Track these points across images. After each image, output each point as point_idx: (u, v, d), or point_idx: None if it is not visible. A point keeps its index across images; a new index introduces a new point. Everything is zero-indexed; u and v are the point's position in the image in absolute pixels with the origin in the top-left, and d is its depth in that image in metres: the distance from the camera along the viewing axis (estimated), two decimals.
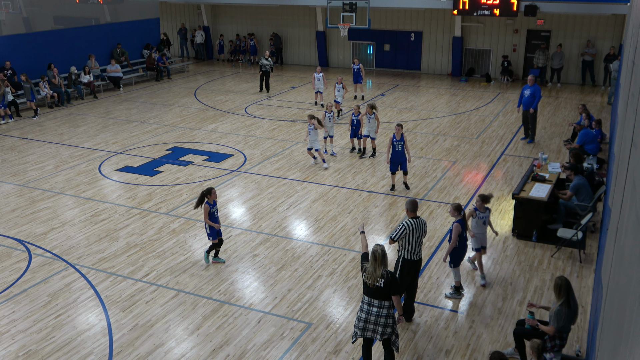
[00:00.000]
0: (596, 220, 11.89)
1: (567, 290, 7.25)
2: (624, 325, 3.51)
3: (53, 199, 13.52)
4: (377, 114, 15.82)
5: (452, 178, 14.58)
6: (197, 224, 11.99)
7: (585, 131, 14.90)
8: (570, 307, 7.24)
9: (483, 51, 27.09)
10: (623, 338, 3.44)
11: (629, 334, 3.18)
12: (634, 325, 3.00)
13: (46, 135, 18.71)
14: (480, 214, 9.76)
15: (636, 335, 2.86)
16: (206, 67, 30.85)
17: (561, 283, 7.27)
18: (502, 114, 20.62)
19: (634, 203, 3.90)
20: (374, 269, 6.99)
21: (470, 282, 9.90)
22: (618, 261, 4.67)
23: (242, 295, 9.53)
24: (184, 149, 17.03)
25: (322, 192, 13.70)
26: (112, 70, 25.15)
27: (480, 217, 9.76)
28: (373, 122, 15.57)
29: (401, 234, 8.40)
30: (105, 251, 11.02)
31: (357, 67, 22.36)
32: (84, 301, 9.39)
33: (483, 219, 9.78)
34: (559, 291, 7.27)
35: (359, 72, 22.39)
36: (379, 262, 6.98)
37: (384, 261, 7.02)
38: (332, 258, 10.68)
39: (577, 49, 25.13)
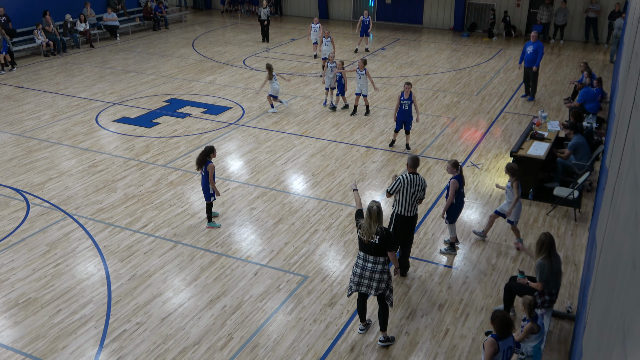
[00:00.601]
0: (593, 179, 11.94)
1: (549, 247, 7.34)
2: (616, 284, 3.56)
3: (50, 149, 13.48)
4: (368, 70, 15.39)
5: (451, 135, 14.55)
6: (195, 176, 12.00)
7: (586, 89, 14.79)
8: (552, 262, 7.35)
9: (486, 6, 26.61)
10: (615, 297, 3.49)
11: (620, 293, 3.23)
12: (626, 284, 3.04)
13: (42, 84, 18.51)
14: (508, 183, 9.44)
15: (628, 295, 2.90)
16: (204, 17, 30.30)
17: (544, 239, 7.35)
18: (503, 70, 20.42)
19: (633, 164, 3.90)
20: (369, 226, 7.03)
21: (465, 238, 10.00)
22: (613, 221, 4.70)
23: (239, 248, 9.62)
24: (181, 101, 16.89)
25: (320, 147, 13.67)
26: (109, 19, 24.70)
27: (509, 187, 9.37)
28: (364, 78, 15.12)
29: (396, 188, 8.42)
30: (103, 202, 11.06)
31: (367, 20, 22.09)
32: (82, 251, 9.48)
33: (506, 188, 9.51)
34: (540, 247, 7.37)
35: (369, 25, 22.14)
36: (374, 219, 7.02)
37: (379, 218, 7.05)
38: (328, 212, 10.74)
39: (582, 5, 24.70)
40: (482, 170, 12.60)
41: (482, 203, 11.20)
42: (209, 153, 9.82)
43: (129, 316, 7.97)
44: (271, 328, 7.79)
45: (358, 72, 15.14)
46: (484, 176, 12.32)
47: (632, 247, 3.06)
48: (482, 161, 13.03)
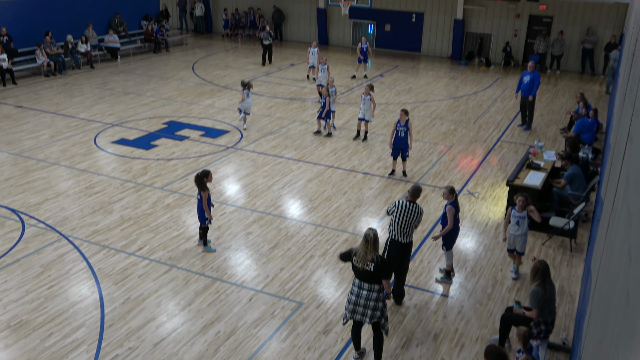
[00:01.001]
0: (588, 210, 11.97)
1: (544, 274, 7.35)
2: (610, 318, 3.56)
3: (48, 169, 13.49)
4: (373, 96, 15.62)
5: (448, 162, 14.61)
6: (192, 200, 12.00)
7: (582, 120, 14.91)
8: (546, 290, 7.34)
9: (484, 35, 26.94)
10: (609, 330, 3.49)
11: (614, 327, 3.23)
12: (620, 319, 3.05)
13: (42, 104, 18.59)
14: (516, 214, 9.23)
15: (621, 330, 2.91)
16: (205, 40, 30.58)
17: (539, 267, 7.37)
18: (500, 99, 20.60)
19: (627, 198, 3.93)
20: (364, 253, 7.04)
21: (461, 266, 9.98)
22: (608, 253, 4.72)
23: (235, 273, 9.58)
24: (180, 124, 16.97)
25: (317, 172, 13.71)
26: (110, 41, 24.92)
27: (515, 217, 9.23)
28: (368, 103, 15.27)
29: (391, 209, 8.56)
30: (99, 224, 11.04)
31: (365, 47, 22.35)
32: (76, 273, 9.43)
33: (517, 218, 9.24)
34: (535, 273, 7.38)
35: (367, 51, 22.39)
36: (370, 246, 7.03)
37: (375, 245, 7.06)
38: (325, 238, 10.73)
39: (578, 36, 25.03)
40: (478, 198, 12.63)
41: (478, 232, 11.21)
42: (203, 177, 9.85)
43: (121, 340, 7.91)
44: (265, 355, 7.73)
45: (363, 97, 15.22)
46: (480, 205, 12.34)
47: (626, 282, 3.07)
48: (478, 189, 13.07)
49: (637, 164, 3.78)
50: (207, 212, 9.91)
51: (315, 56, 21.35)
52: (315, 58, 21.38)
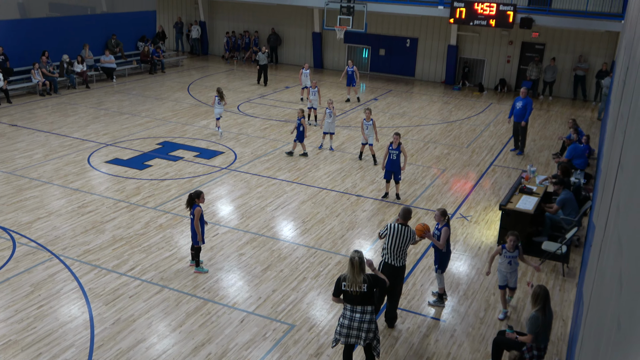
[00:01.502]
0: (581, 234, 12.02)
1: (545, 299, 7.36)
2: (601, 343, 3.57)
3: (40, 188, 13.45)
4: (375, 121, 15.74)
5: (441, 186, 14.67)
6: (184, 220, 11.98)
7: (574, 146, 15.05)
8: (546, 315, 7.35)
9: (477, 61, 27.24)
10: (600, 355, 3.50)
11: (606, 352, 3.24)
12: (611, 345, 3.06)
13: (36, 123, 18.59)
14: (508, 253, 9.04)
15: (613, 356, 2.92)
16: (201, 62, 30.77)
17: (540, 292, 7.39)
18: (493, 124, 20.77)
19: (617, 225, 3.97)
20: (353, 276, 7.03)
21: (453, 290, 9.97)
22: (600, 279, 4.74)
23: (226, 294, 9.54)
24: (174, 144, 16.99)
25: (311, 194, 13.73)
26: (106, 61, 25.04)
27: (507, 256, 9.04)
28: (371, 129, 15.43)
29: (383, 232, 8.60)
30: (91, 243, 10.98)
31: (351, 70, 22.44)
32: (67, 293, 9.36)
33: (509, 258, 9.04)
34: (536, 299, 7.39)
35: (353, 74, 22.46)
36: (357, 269, 7.02)
37: (361, 267, 7.06)
38: (317, 260, 10.72)
39: (570, 63, 25.36)
40: (471, 222, 12.67)
41: (470, 255, 11.22)
42: (194, 198, 9.86)
43: None
44: None
45: (365, 123, 15.32)
46: (473, 228, 12.37)
47: (617, 308, 3.09)
48: (471, 213, 13.11)
49: (628, 192, 3.83)
50: (198, 233, 9.89)
51: (307, 77, 21.52)
52: (307, 79, 21.55)
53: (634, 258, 2.86)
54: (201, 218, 9.94)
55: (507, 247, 8.98)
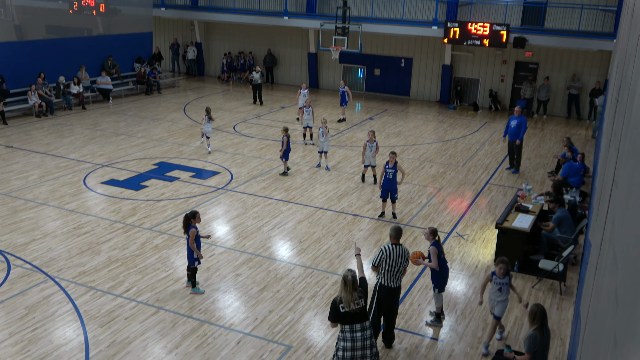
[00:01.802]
0: (577, 252, 12.02)
1: (542, 318, 7.34)
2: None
3: (36, 210, 13.40)
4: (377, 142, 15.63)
5: (437, 205, 14.68)
6: (181, 241, 11.94)
7: (569, 164, 15.12)
8: (544, 334, 7.31)
9: (472, 80, 27.45)
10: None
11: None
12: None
13: (32, 144, 18.59)
14: (498, 280, 8.73)
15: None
16: (197, 83, 30.92)
17: (537, 310, 7.36)
18: (488, 143, 20.86)
19: (612, 242, 3.98)
20: (348, 294, 6.99)
21: (451, 309, 9.93)
22: (596, 296, 4.73)
23: (223, 315, 9.47)
24: (170, 165, 17.00)
25: (307, 214, 13.72)
26: (102, 82, 25.13)
27: (497, 283, 8.73)
28: (374, 151, 15.33)
29: (379, 259, 8.41)
30: (86, 265, 10.92)
31: (343, 90, 22.57)
32: (61, 315, 9.28)
33: (500, 285, 8.72)
34: (533, 317, 7.36)
35: (344, 94, 22.58)
36: (350, 287, 6.99)
37: (354, 285, 7.03)
38: (314, 280, 10.67)
39: (564, 82, 25.57)
40: (467, 241, 12.66)
41: (467, 274, 11.19)
42: (190, 218, 9.85)
43: None
44: None
45: (369, 145, 15.17)
46: (470, 247, 12.36)
47: (613, 325, 3.09)
48: (467, 232, 13.11)
49: (622, 208, 3.84)
50: (195, 252, 9.85)
51: (306, 97, 21.63)
52: (304, 100, 21.65)
53: (629, 275, 2.86)
54: (197, 238, 9.91)
55: (497, 274, 8.69)
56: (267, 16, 28.74)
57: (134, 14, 29.48)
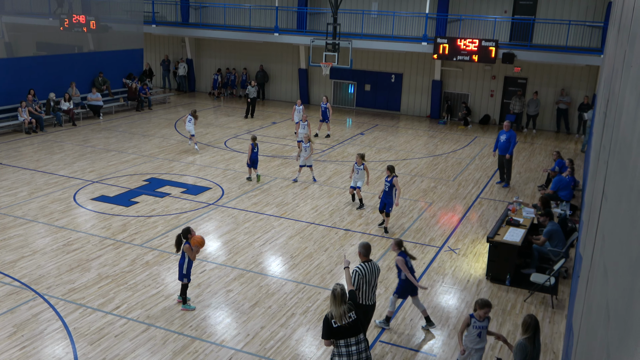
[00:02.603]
0: (569, 266, 12.05)
1: (535, 328, 7.32)
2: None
3: (25, 227, 13.29)
4: (367, 165, 15.23)
5: (428, 219, 14.71)
6: (171, 257, 11.87)
7: (558, 177, 15.20)
8: (535, 346, 7.29)
9: (462, 95, 27.65)
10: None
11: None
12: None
13: (22, 161, 18.49)
14: (477, 323, 7.87)
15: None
16: (188, 99, 30.94)
17: (530, 321, 7.35)
18: (478, 157, 20.97)
19: (603, 255, 3.99)
20: (337, 308, 6.97)
21: (443, 323, 9.91)
22: (588, 310, 4.74)
23: (214, 332, 9.40)
24: (161, 180, 16.95)
25: (298, 229, 13.69)
26: (93, 99, 25.10)
27: (477, 327, 7.87)
28: (362, 173, 14.86)
29: (356, 281, 8.25)
30: (76, 282, 10.83)
31: (325, 106, 22.63)
32: (51, 333, 9.18)
33: (480, 329, 7.87)
34: (527, 327, 7.34)
35: (326, 111, 22.64)
36: (339, 300, 6.99)
37: (343, 298, 7.03)
38: (306, 296, 10.63)
39: (553, 97, 25.81)
40: (459, 255, 12.67)
41: (459, 289, 11.19)
42: (185, 235, 9.82)
43: None
44: None
45: (356, 167, 14.77)
46: (462, 261, 12.37)
47: (605, 338, 3.09)
48: (459, 246, 13.13)
49: (612, 221, 3.87)
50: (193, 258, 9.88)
51: (300, 114, 21.70)
52: (300, 115, 21.73)
53: (620, 288, 2.87)
54: (189, 261, 9.87)
55: (476, 316, 7.82)
56: (258, 32, 28.89)
57: (125, 30, 29.55)
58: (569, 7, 24.94)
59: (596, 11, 24.57)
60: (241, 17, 30.74)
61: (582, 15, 24.78)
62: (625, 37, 5.71)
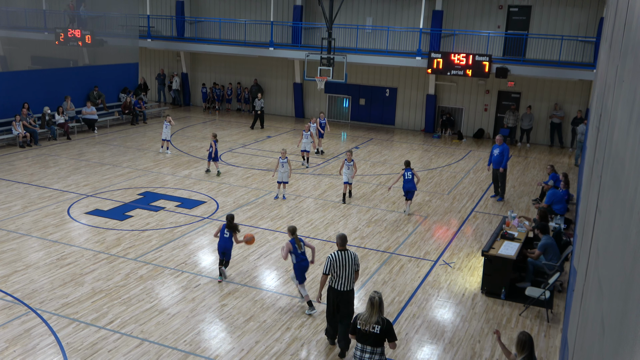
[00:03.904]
0: (563, 280, 12.06)
1: (530, 346, 7.31)
2: None
3: (18, 241, 13.22)
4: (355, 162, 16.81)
5: (423, 233, 14.71)
6: (166, 271, 11.82)
7: (552, 191, 15.26)
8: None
9: (456, 109, 27.79)
10: None
11: None
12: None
13: (15, 175, 18.43)
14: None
15: None
16: (183, 113, 30.98)
17: (525, 339, 7.34)
18: (472, 171, 21.03)
19: (597, 269, 4.01)
20: (369, 315, 7.17)
21: (439, 338, 9.88)
22: (583, 324, 4.74)
23: (208, 346, 9.34)
24: (156, 194, 16.91)
25: None
26: (88, 113, 25.09)
27: None
28: (352, 169, 16.53)
29: (328, 266, 8.97)
30: (70, 296, 10.75)
31: (323, 122, 22.69)
32: (43, 348, 9.10)
33: None
34: (522, 347, 7.33)
35: (323, 127, 22.69)
36: (376, 309, 7.18)
37: (380, 308, 7.25)
38: (301, 310, 10.58)
39: (546, 111, 25.97)
40: (454, 269, 12.66)
41: (454, 302, 11.17)
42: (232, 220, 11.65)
43: None
44: None
45: (347, 164, 16.53)
46: (457, 275, 12.36)
47: (600, 352, 3.09)
48: (454, 260, 13.12)
49: (606, 235, 3.88)
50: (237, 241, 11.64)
51: (315, 130, 21.76)
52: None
53: (615, 302, 2.88)
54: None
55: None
56: (253, 47, 29.02)
57: (120, 45, 29.64)
58: (562, 22, 25.19)
59: (588, 27, 24.82)
60: (236, 32, 30.89)
61: (574, 31, 25.02)
62: (617, 52, 5.77)
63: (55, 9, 33.02)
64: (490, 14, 26.37)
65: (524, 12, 25.93)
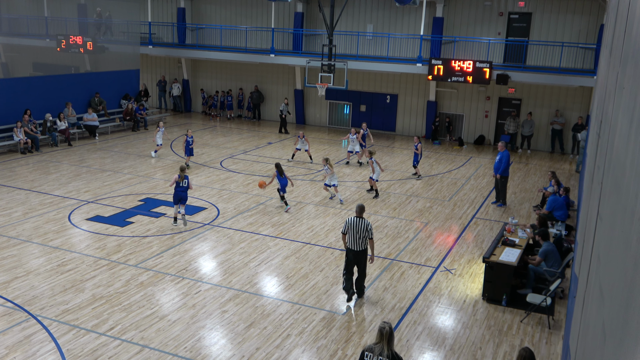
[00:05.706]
0: (565, 286, 12.04)
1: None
2: None
3: (19, 247, 13.22)
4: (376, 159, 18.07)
5: (424, 239, 14.70)
6: (166, 278, 11.81)
7: (553, 197, 15.25)
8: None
9: (456, 116, 27.82)
10: None
11: None
12: None
13: (16, 181, 18.44)
14: None
15: None
16: (184, 119, 31.02)
17: (525, 355, 7.31)
18: (473, 177, 21.03)
19: (598, 275, 4.00)
20: (379, 348, 6.75)
21: (440, 344, 9.86)
22: (584, 330, 4.73)
23: (209, 353, 9.32)
24: (156, 200, 16.91)
25: (294, 249, 13.66)
26: (89, 119, 25.14)
27: None
28: (376, 166, 17.81)
29: (346, 227, 10.77)
30: (70, 302, 10.74)
31: (366, 133, 22.89)
32: (43, 355, 9.08)
33: None
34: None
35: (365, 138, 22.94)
36: (386, 340, 6.77)
37: (390, 339, 6.81)
38: (302, 317, 10.56)
39: (547, 117, 25.99)
40: (455, 275, 12.64)
41: (456, 309, 11.15)
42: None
43: None
44: None
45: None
46: (458, 281, 12.34)
47: (602, 359, 3.08)
48: (455, 266, 13.10)
49: (607, 242, 3.88)
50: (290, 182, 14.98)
51: (355, 142, 21.87)
52: (356, 143, 21.91)
53: (616, 308, 2.87)
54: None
55: None
56: (254, 54, 29.09)
57: (122, 51, 29.74)
58: (562, 29, 25.24)
59: (589, 33, 24.88)
60: (237, 39, 30.98)
61: (575, 37, 25.07)
62: (617, 59, 5.78)
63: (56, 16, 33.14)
64: (490, 21, 26.43)
65: (524, 19, 25.99)
